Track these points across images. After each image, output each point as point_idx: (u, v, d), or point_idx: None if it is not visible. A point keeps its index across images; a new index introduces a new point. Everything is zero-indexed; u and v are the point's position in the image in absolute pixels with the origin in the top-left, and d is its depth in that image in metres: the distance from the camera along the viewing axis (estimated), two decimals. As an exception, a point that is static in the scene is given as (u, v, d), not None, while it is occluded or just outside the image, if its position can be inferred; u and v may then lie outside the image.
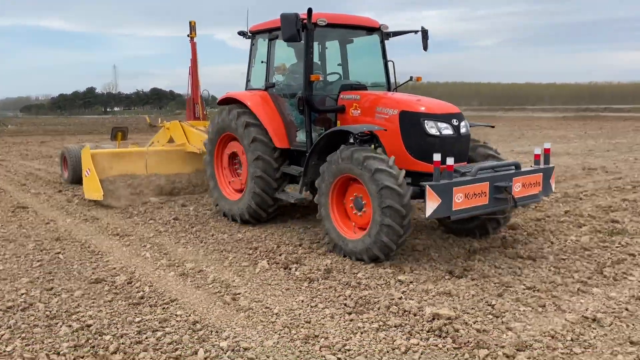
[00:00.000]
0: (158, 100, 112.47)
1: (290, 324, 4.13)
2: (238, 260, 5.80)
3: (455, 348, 3.68)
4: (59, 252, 6.24)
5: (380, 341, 3.81)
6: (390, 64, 7.28)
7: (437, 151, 5.23)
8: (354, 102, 6.40)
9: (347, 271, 5.32)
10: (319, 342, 3.80)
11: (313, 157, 6.22)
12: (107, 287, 5.03)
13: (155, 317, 4.30)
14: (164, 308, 4.48)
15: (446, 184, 5.06)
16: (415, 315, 4.20)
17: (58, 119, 63.13)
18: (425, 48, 7.17)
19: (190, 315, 4.30)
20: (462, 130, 5.82)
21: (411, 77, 7.10)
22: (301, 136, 6.81)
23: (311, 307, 4.48)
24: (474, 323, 4.03)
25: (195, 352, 3.68)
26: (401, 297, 4.57)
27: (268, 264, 5.60)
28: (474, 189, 5.25)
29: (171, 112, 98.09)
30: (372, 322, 4.12)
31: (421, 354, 3.63)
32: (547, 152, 6.07)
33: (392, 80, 7.31)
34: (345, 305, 4.48)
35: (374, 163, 5.26)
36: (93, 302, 4.64)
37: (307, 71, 6.40)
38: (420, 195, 5.31)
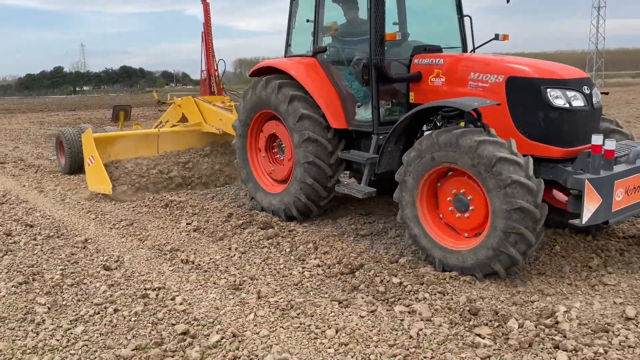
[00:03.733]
0: (128, 78, 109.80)
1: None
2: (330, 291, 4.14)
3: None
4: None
5: None
6: (466, 20, 5.89)
7: (565, 129, 4.27)
8: (435, 67, 5.03)
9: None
10: None
11: (391, 141, 4.87)
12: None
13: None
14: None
15: (608, 176, 3.92)
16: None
17: (24, 100, 60.91)
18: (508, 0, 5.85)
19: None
20: (595, 100, 4.51)
21: (497, 35, 5.66)
22: (363, 113, 5.48)
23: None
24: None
25: None
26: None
27: (367, 300, 3.91)
28: (635, 181, 4.13)
29: (141, 89, 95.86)
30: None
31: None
32: None
33: (469, 41, 5.93)
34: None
35: (493, 149, 3.93)
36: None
37: (378, 28, 4.94)
38: None
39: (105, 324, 3.61)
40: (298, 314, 3.71)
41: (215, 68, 9.73)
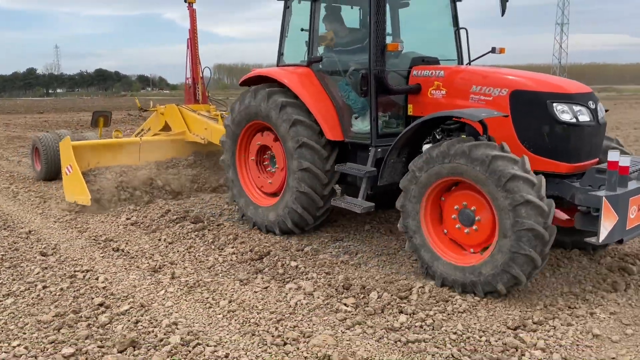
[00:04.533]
0: (103, 82, 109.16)
1: None
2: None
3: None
4: None
5: None
6: (462, 33, 5.82)
7: (571, 145, 4.23)
8: (436, 79, 4.94)
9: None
10: None
11: (393, 153, 4.79)
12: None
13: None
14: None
15: (624, 193, 3.85)
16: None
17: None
18: (503, 12, 5.80)
19: None
20: (600, 116, 4.45)
21: (493, 49, 5.59)
22: (360, 125, 5.36)
23: None
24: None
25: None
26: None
27: (265, 280, 4.39)
28: None
29: (116, 92, 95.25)
30: None
31: None
32: None
33: (464, 53, 5.86)
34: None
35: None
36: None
37: (379, 38, 4.83)
38: None
39: (33, 297, 4.22)
40: (202, 291, 4.38)
41: (201, 75, 9.40)
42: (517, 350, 3.32)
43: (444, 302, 4.03)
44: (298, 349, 3.39)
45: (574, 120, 4.26)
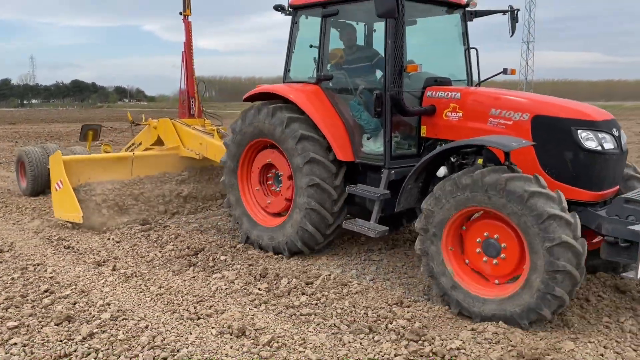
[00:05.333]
0: (79, 93, 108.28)
1: None
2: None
3: None
4: None
5: None
6: (473, 52, 5.73)
7: (595, 173, 4.19)
8: (452, 101, 4.86)
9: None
10: None
11: (412, 177, 4.63)
12: None
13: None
14: None
15: None
16: None
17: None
18: (512, 32, 5.81)
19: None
20: (623, 143, 4.41)
21: (505, 70, 5.57)
22: (371, 146, 5.30)
23: None
24: None
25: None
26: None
27: (196, 271, 5.07)
28: None
29: (93, 104, 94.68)
30: None
31: None
32: None
33: (474, 73, 5.77)
34: None
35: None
36: None
37: (397, 58, 4.74)
38: None
39: (-14, 286, 4.82)
40: (137, 280, 5.03)
41: (196, 89, 9.16)
42: (386, 319, 4.06)
43: (342, 286, 4.76)
44: (208, 322, 4.07)
45: (599, 147, 4.18)
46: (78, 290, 4.73)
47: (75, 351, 3.58)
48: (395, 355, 3.54)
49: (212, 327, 3.97)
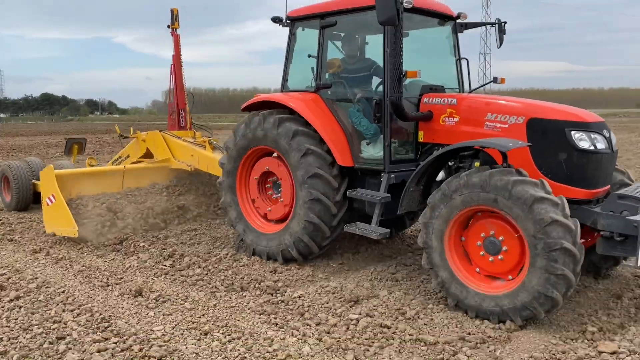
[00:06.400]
0: (49, 106, 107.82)
1: None
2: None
3: None
4: None
5: None
6: (464, 63, 6.04)
7: (589, 172, 4.43)
8: (448, 107, 5.11)
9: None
10: None
11: (413, 181, 4.90)
12: None
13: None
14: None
15: None
16: None
17: None
18: (500, 44, 6.13)
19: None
20: (614, 143, 4.66)
21: (495, 79, 5.85)
22: (371, 151, 5.51)
23: None
24: None
25: None
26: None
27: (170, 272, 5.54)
28: None
29: (64, 117, 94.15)
30: None
31: None
32: None
33: (465, 82, 6.06)
34: None
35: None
36: None
37: (397, 64, 4.91)
38: None
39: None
40: (65, 262, 6.03)
41: (186, 102, 9.23)
42: (257, 281, 5.20)
43: (233, 261, 5.88)
44: (115, 287, 5.14)
45: (592, 147, 4.42)
46: (13, 269, 5.73)
47: (2, 307, 4.61)
48: (253, 303, 4.68)
49: (117, 291, 5.04)
